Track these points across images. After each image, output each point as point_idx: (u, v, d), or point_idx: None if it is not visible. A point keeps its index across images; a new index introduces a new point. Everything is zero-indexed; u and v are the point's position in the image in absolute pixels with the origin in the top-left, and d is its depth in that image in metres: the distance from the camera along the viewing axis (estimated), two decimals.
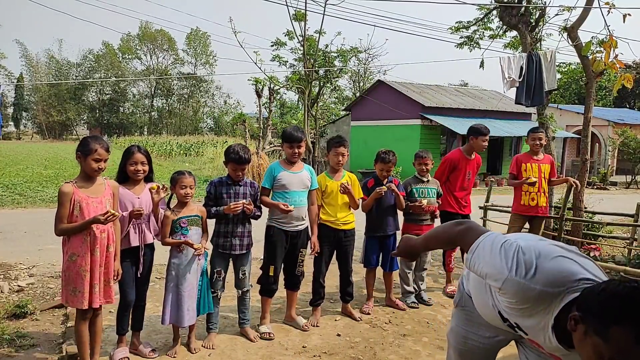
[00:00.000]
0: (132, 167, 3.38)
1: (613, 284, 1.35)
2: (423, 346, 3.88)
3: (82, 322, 3.10)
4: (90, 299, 3.02)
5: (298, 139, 3.93)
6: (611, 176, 21.48)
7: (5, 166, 18.16)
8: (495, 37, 9.00)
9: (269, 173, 3.99)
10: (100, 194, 3.07)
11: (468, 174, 5.12)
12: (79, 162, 3.06)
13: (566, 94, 32.66)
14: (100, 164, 3.03)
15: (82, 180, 3.06)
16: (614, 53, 4.98)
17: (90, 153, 2.99)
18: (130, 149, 3.44)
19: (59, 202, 2.97)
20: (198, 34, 55.04)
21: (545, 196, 5.60)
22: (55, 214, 2.98)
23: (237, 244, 3.78)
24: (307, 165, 4.16)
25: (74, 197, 2.96)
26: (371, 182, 4.57)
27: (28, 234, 7.79)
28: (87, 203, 2.99)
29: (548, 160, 5.64)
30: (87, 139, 3.11)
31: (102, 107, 53.05)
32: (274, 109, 23.42)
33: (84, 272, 2.99)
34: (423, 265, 4.90)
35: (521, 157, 5.67)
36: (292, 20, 15.71)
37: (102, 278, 3.07)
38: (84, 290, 2.99)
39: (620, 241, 6.92)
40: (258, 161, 14.60)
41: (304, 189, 3.99)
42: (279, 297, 4.43)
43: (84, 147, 3.02)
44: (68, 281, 3.03)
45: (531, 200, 5.52)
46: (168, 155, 27.88)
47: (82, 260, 2.99)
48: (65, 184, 3.01)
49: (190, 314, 3.55)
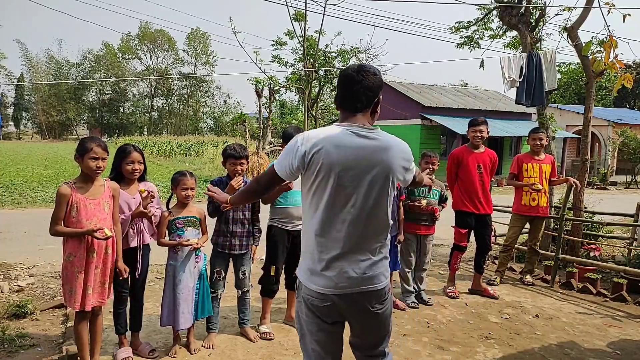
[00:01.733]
0: (129, 167, 3.37)
1: None
2: (423, 346, 3.88)
3: (81, 323, 3.10)
4: (83, 301, 3.00)
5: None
6: (611, 176, 21.49)
7: (5, 166, 18.16)
8: (495, 37, 9.00)
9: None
10: (99, 195, 3.06)
11: (479, 168, 5.00)
12: (78, 164, 3.05)
13: (566, 94, 32.66)
14: (98, 162, 3.00)
15: (81, 181, 3.05)
16: (614, 53, 4.98)
17: (86, 152, 2.98)
18: (125, 148, 3.42)
19: (56, 203, 2.96)
20: (198, 34, 55.10)
21: (546, 196, 5.59)
22: (52, 214, 2.96)
23: (236, 243, 3.77)
24: None
25: (71, 198, 2.94)
26: None
27: (28, 234, 7.79)
28: (84, 205, 2.97)
29: (549, 160, 5.63)
30: (83, 139, 3.12)
31: (102, 107, 53.09)
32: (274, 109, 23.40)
33: (78, 272, 2.98)
34: (423, 265, 4.89)
35: (522, 157, 5.64)
36: (292, 20, 15.73)
37: (97, 280, 3.06)
38: (76, 291, 2.99)
39: (620, 241, 6.93)
40: (258, 161, 14.60)
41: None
42: (279, 297, 4.43)
43: (80, 147, 3.02)
44: (65, 280, 3.03)
45: (532, 200, 5.51)
46: (168, 155, 27.88)
47: (78, 261, 2.98)
48: (64, 185, 2.99)
49: (186, 316, 3.52)
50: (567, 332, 4.26)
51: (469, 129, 5.11)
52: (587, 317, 4.66)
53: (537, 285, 5.69)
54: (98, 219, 3.01)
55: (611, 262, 6.20)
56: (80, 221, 2.95)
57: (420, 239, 4.82)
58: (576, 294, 5.40)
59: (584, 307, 4.92)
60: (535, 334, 4.21)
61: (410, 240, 4.79)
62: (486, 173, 5.05)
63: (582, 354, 3.83)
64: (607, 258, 6.48)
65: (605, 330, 4.34)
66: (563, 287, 5.59)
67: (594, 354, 3.84)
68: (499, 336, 4.12)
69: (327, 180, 2.02)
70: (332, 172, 2.01)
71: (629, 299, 5.11)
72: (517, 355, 3.79)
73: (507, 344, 3.97)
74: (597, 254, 6.03)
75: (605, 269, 5.94)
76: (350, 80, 2.07)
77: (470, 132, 5.10)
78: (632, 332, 4.30)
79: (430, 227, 4.83)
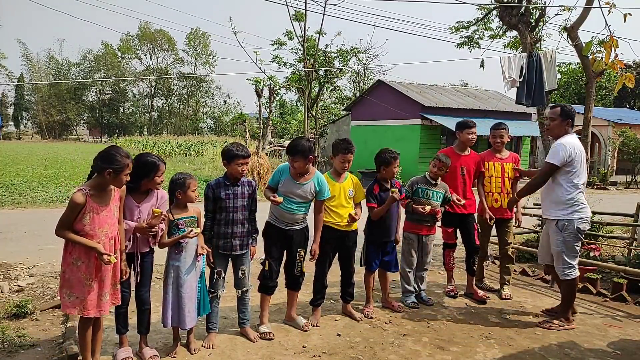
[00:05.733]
0: (158, 179, 3.34)
1: None
2: (423, 346, 3.88)
3: (88, 327, 3.09)
4: (100, 308, 3.01)
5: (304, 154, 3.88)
6: (611, 176, 21.48)
7: (5, 166, 18.15)
8: (495, 37, 9.01)
9: (276, 173, 4.01)
10: (110, 201, 3.03)
11: (462, 170, 4.98)
12: (107, 177, 2.94)
13: (566, 94, 32.63)
14: (128, 177, 3.02)
15: (95, 189, 2.98)
16: (615, 53, 4.98)
17: (123, 170, 2.95)
18: (156, 163, 3.31)
19: (69, 208, 2.90)
20: (198, 34, 55.06)
21: (509, 197, 5.03)
22: (61, 215, 2.93)
23: (237, 244, 3.77)
24: (318, 174, 4.03)
25: (86, 206, 2.91)
26: (376, 188, 4.47)
27: (28, 234, 7.79)
28: (97, 213, 2.95)
29: (512, 158, 5.19)
30: (115, 154, 2.97)
31: (102, 107, 53.05)
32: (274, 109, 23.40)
33: (86, 280, 2.95)
34: (424, 265, 4.89)
35: (484, 155, 5.21)
36: (292, 20, 15.74)
37: (110, 283, 3.06)
38: (83, 298, 2.96)
39: (620, 241, 6.93)
40: (258, 161, 14.59)
41: (304, 200, 3.95)
42: (279, 297, 4.43)
43: (115, 165, 2.92)
44: (65, 283, 2.98)
45: (494, 201, 5.10)
46: (168, 155, 27.86)
47: (86, 269, 2.95)
48: (79, 193, 2.91)
49: (192, 315, 3.55)
50: (567, 332, 4.26)
51: (463, 130, 5.05)
52: (587, 317, 4.66)
53: (537, 285, 5.69)
54: (109, 225, 3.01)
55: (611, 262, 6.19)
56: (92, 229, 2.93)
57: (421, 239, 4.81)
58: (576, 294, 5.39)
59: (584, 307, 4.92)
60: (535, 334, 4.21)
61: (412, 240, 4.79)
62: (469, 176, 5.03)
63: (582, 354, 3.83)
64: (607, 258, 6.47)
65: (605, 330, 4.34)
66: None
67: (594, 354, 3.84)
68: (499, 336, 4.12)
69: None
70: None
71: (629, 299, 5.10)
72: (517, 355, 3.78)
73: (507, 344, 3.97)
74: (597, 254, 6.03)
75: (605, 269, 5.94)
76: None
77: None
78: (632, 332, 4.29)
79: (432, 227, 4.82)
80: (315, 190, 3.96)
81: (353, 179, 4.33)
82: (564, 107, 4.35)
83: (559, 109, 4.35)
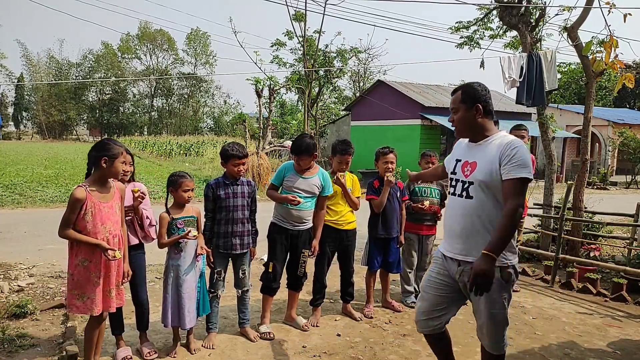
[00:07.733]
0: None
1: None
2: (423, 346, 3.87)
3: (96, 327, 3.09)
4: (107, 304, 3.01)
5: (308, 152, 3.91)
6: (611, 176, 21.50)
7: (5, 166, 18.14)
8: (495, 37, 9.00)
9: (280, 171, 4.02)
10: (111, 198, 3.02)
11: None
12: (103, 166, 2.93)
13: (566, 94, 32.62)
14: (125, 167, 3.06)
15: (95, 184, 2.97)
16: (614, 53, 4.97)
17: (117, 157, 2.96)
18: (118, 149, 3.38)
19: (70, 206, 2.88)
20: (198, 34, 55.02)
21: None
22: (63, 215, 2.91)
23: (237, 243, 3.77)
24: (322, 170, 4.10)
25: (86, 202, 2.89)
26: (376, 182, 4.53)
27: (28, 234, 7.78)
28: (99, 209, 2.93)
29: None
30: (108, 142, 3.01)
31: (102, 107, 53.01)
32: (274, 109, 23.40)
33: (95, 278, 2.95)
34: (424, 265, 4.89)
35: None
36: (292, 20, 15.74)
37: (114, 282, 3.06)
38: (95, 297, 2.96)
39: (620, 241, 6.93)
40: (258, 161, 14.59)
41: (311, 195, 3.97)
42: (279, 297, 4.43)
43: (109, 152, 2.94)
44: (75, 285, 2.96)
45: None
46: (168, 155, 27.85)
47: (94, 267, 2.95)
48: (79, 189, 2.90)
49: (191, 315, 3.55)
50: (567, 332, 4.26)
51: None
52: (587, 317, 4.66)
53: (537, 285, 5.69)
54: (112, 222, 3.00)
55: (611, 262, 6.20)
56: (95, 226, 2.92)
57: (421, 239, 4.82)
58: (576, 294, 5.40)
59: (584, 307, 4.92)
60: (535, 334, 4.21)
61: (412, 240, 4.79)
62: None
63: (582, 354, 3.83)
64: (607, 258, 6.48)
65: (605, 330, 4.34)
66: (563, 287, 5.59)
67: (594, 354, 3.84)
68: None
69: None
70: None
71: (629, 299, 5.11)
72: (517, 355, 3.78)
73: None
74: (597, 254, 6.03)
75: (605, 269, 5.94)
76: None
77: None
78: (632, 332, 4.30)
79: (432, 227, 4.83)
80: (321, 184, 3.99)
81: (352, 177, 4.37)
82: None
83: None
